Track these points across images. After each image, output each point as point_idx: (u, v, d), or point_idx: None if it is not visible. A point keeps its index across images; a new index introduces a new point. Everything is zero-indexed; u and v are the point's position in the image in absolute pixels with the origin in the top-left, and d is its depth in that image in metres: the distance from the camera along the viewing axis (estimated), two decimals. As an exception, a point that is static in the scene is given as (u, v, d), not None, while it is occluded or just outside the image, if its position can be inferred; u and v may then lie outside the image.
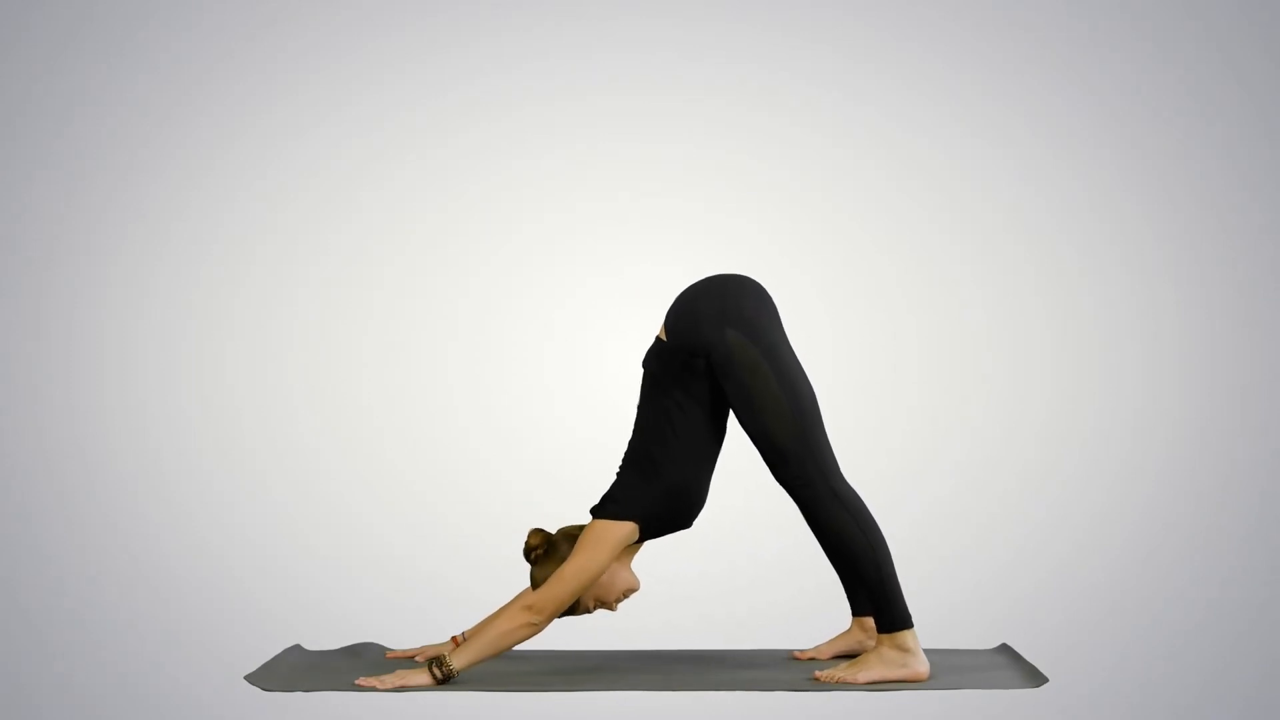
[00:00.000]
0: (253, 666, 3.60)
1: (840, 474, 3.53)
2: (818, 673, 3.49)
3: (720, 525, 4.76)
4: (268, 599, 4.32)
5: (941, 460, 5.16)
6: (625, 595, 3.67)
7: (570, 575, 3.49)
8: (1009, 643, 3.80)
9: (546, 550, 3.62)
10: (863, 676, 3.44)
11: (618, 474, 3.64)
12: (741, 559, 4.67)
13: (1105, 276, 5.31)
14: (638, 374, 3.69)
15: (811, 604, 4.21)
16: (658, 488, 3.57)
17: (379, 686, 3.41)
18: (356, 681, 3.45)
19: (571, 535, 3.63)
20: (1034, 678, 3.46)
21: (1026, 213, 5.35)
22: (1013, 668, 3.58)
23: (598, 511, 3.59)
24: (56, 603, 4.23)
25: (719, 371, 3.54)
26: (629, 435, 3.67)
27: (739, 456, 3.66)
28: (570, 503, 4.82)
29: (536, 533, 3.64)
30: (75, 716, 3.25)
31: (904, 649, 3.45)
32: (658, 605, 4.31)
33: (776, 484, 3.54)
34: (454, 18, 5.36)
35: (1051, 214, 5.34)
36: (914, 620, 3.49)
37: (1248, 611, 4.04)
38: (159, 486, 5.01)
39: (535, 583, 3.58)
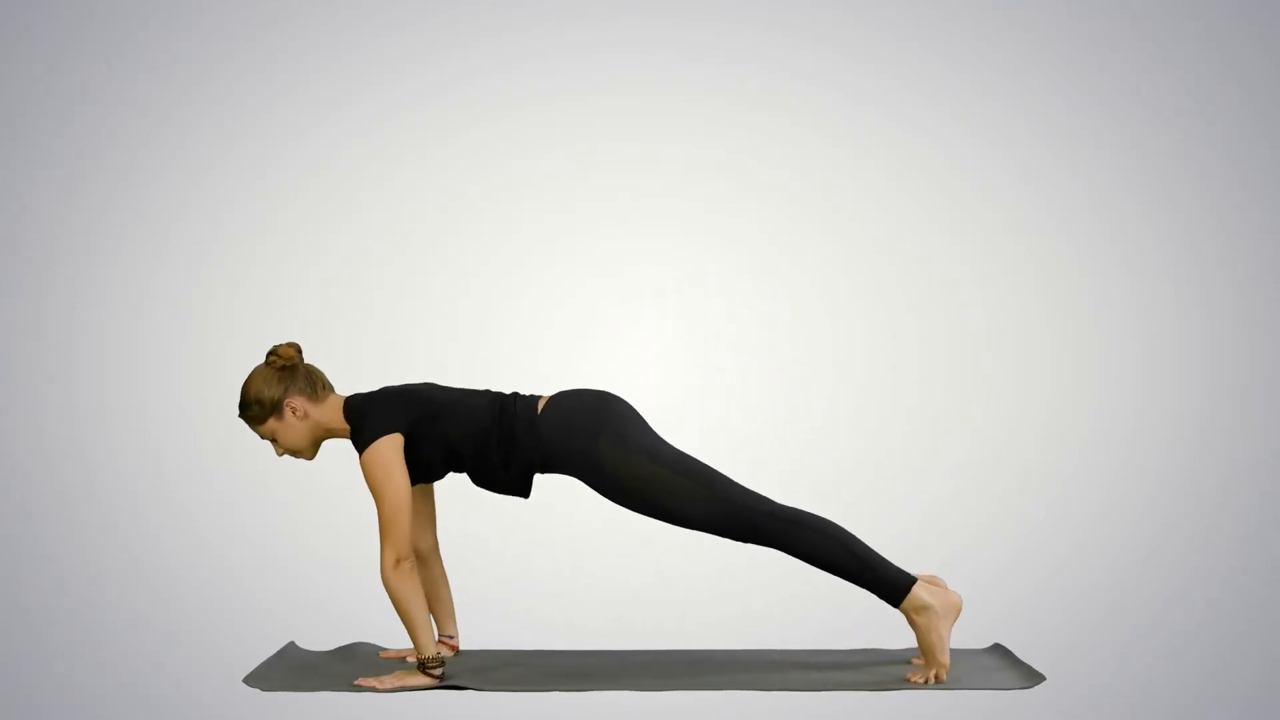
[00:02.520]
0: (252, 666, 3.60)
1: (768, 500, 3.52)
2: (909, 674, 3.48)
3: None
4: (266, 599, 4.32)
5: (941, 460, 5.16)
6: (292, 454, 3.67)
7: (390, 514, 3.48)
8: (1010, 643, 3.80)
9: (286, 367, 3.60)
10: (942, 657, 3.42)
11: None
12: (738, 560, 4.67)
13: (1105, 276, 5.31)
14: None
15: (806, 605, 4.20)
16: (409, 404, 3.57)
17: (379, 687, 3.41)
18: (356, 682, 3.45)
19: (314, 377, 3.62)
20: (1031, 677, 3.46)
21: (1026, 213, 5.35)
22: (1009, 668, 3.58)
23: (361, 445, 3.54)
24: (56, 603, 4.23)
25: (592, 483, 3.56)
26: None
27: (733, 461, 3.66)
28: (568, 501, 4.82)
29: (294, 346, 3.64)
30: (75, 716, 3.25)
31: (924, 606, 3.44)
32: (657, 606, 4.31)
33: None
34: (454, 18, 5.36)
35: (1051, 214, 5.34)
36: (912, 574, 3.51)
37: (1248, 611, 4.04)
38: (159, 486, 5.00)
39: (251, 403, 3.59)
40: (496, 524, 4.56)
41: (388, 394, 3.63)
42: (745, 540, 3.53)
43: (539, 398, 3.63)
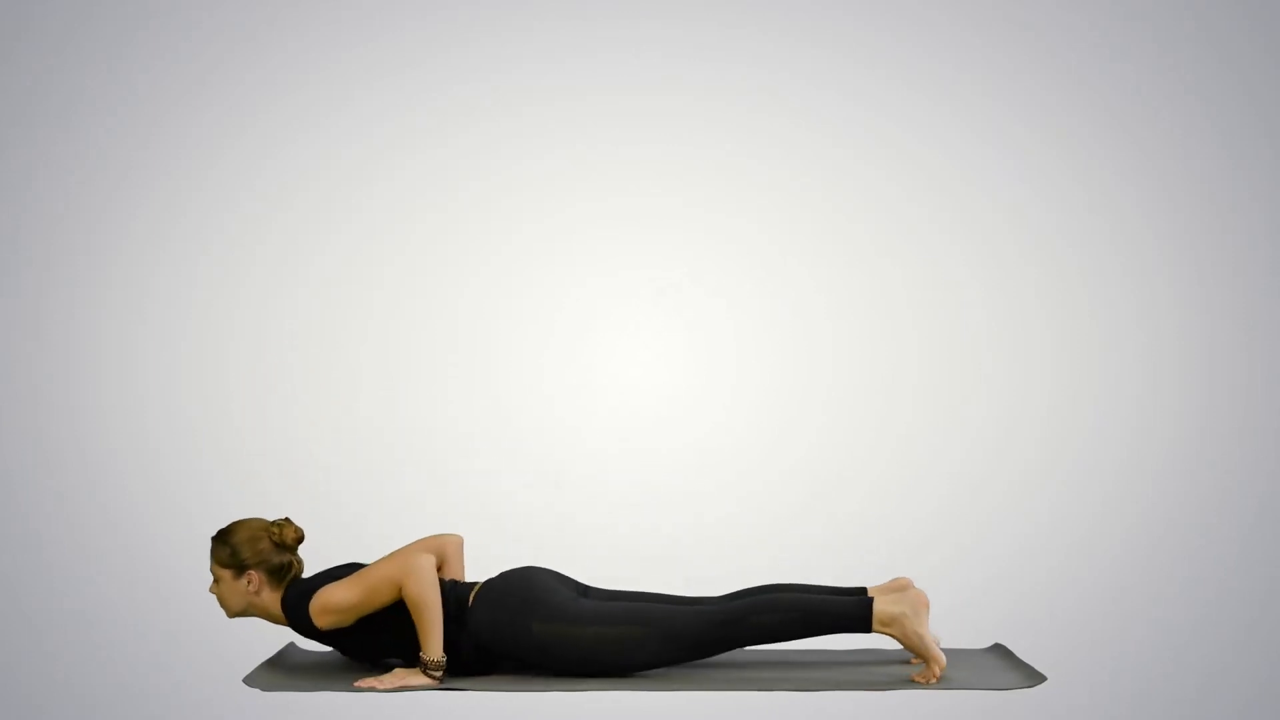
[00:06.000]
0: (252, 666, 3.60)
1: (706, 609, 3.51)
2: (914, 675, 3.47)
3: (716, 528, 4.77)
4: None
5: (942, 460, 5.16)
6: (219, 604, 3.65)
7: (375, 578, 3.49)
8: (1010, 642, 3.80)
9: (278, 544, 3.60)
10: (933, 654, 3.40)
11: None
12: (737, 562, 4.67)
13: (1105, 276, 5.31)
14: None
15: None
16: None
17: (379, 687, 3.41)
18: (356, 683, 3.45)
19: (289, 568, 3.61)
20: (1031, 677, 3.46)
21: (1026, 213, 5.35)
22: (1010, 668, 3.58)
23: (303, 607, 3.54)
24: (56, 603, 4.23)
25: (542, 664, 3.52)
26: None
27: (732, 461, 3.66)
28: (568, 503, 4.81)
29: (300, 534, 3.65)
30: (76, 716, 3.25)
31: (892, 618, 3.41)
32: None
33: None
34: (454, 18, 5.36)
35: (1051, 214, 5.34)
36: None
37: (1248, 611, 4.04)
38: (159, 486, 5.01)
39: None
40: (495, 524, 4.56)
41: (321, 573, 3.64)
42: (707, 655, 3.52)
43: (472, 587, 3.60)
